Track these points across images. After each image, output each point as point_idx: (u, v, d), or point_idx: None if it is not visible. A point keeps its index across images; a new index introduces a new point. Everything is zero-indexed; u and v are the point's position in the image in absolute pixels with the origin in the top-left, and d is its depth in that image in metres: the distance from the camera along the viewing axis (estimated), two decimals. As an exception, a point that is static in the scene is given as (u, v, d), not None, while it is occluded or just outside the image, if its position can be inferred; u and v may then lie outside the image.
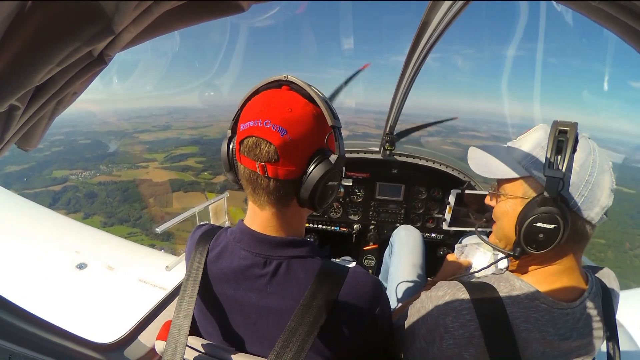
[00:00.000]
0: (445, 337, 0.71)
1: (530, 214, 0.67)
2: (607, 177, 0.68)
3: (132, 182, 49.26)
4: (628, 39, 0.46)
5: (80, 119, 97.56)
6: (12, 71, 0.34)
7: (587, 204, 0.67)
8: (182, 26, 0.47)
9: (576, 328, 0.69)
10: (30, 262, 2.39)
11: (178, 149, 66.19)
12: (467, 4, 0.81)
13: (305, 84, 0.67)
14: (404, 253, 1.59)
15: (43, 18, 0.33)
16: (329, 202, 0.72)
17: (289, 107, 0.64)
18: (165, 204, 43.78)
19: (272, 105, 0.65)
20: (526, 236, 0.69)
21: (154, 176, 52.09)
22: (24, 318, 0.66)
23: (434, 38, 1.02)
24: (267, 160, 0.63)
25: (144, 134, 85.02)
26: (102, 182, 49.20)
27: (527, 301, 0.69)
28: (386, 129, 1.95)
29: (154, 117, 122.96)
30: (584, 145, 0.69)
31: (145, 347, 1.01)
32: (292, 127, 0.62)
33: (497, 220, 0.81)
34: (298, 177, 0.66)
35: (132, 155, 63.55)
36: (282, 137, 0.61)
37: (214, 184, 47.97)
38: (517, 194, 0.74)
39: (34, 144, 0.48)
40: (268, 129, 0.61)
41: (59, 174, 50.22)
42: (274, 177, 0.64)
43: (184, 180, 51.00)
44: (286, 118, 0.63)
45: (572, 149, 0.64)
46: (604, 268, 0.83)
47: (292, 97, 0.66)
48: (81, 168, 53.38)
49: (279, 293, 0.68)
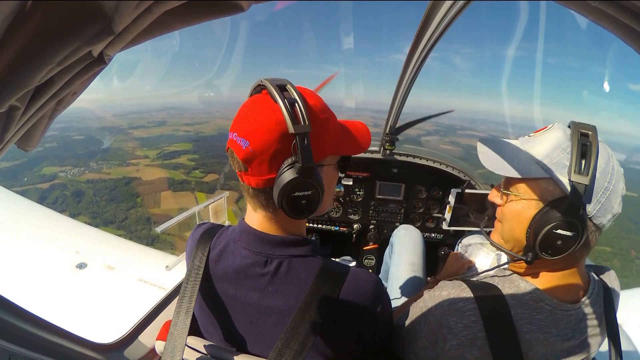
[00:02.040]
0: (448, 337, 0.70)
1: (551, 219, 0.64)
2: (622, 184, 0.66)
3: (120, 180, 48.30)
4: (628, 40, 0.46)
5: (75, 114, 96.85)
6: (12, 71, 0.33)
7: (602, 211, 0.66)
8: (182, 26, 0.47)
9: (578, 328, 0.69)
10: (30, 262, 2.39)
11: (172, 145, 65.11)
12: (467, 4, 0.81)
13: (276, 88, 0.62)
14: (404, 253, 1.59)
15: (43, 18, 0.33)
16: (311, 211, 0.66)
17: (253, 117, 0.63)
18: (153, 204, 42.73)
19: (241, 116, 0.65)
20: (543, 242, 0.66)
21: (143, 174, 50.97)
22: (24, 318, 0.66)
23: (434, 38, 1.02)
24: (239, 170, 0.67)
25: (138, 129, 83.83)
26: (91, 179, 48.10)
27: (532, 302, 0.68)
28: (386, 129, 1.94)
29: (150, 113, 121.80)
30: (603, 150, 0.66)
31: (145, 347, 1.01)
32: (253, 137, 0.62)
33: (505, 221, 0.76)
34: (271, 185, 0.65)
35: (124, 151, 62.49)
36: (244, 149, 0.63)
37: (205, 183, 47.23)
38: (532, 196, 0.69)
39: (34, 143, 0.48)
40: (235, 142, 0.64)
41: (49, 171, 49.25)
42: (249, 185, 0.67)
43: (174, 179, 50.08)
44: (248, 129, 0.63)
45: (596, 154, 0.62)
46: (605, 267, 0.83)
47: (263, 103, 0.64)
48: (71, 165, 52.28)
49: (280, 292, 0.68)
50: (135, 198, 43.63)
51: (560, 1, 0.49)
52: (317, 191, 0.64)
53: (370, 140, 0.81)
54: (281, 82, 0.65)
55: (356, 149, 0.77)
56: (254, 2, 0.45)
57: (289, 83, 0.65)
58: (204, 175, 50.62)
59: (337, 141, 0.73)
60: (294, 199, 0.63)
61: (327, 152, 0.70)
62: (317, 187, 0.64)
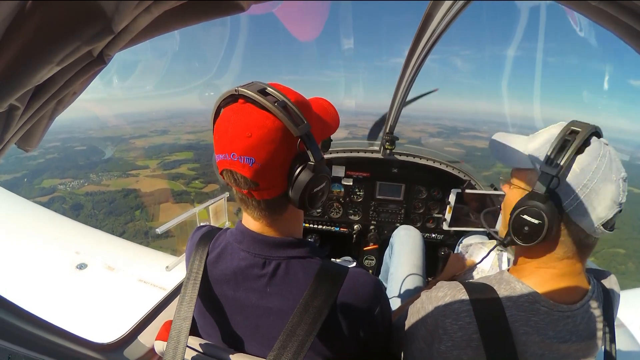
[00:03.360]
0: (444, 338, 0.70)
1: (519, 205, 0.70)
2: (611, 188, 0.64)
3: (120, 192, 47.93)
4: (628, 39, 0.46)
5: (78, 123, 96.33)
6: (12, 71, 0.33)
7: (581, 210, 0.65)
8: (182, 26, 0.47)
9: (576, 331, 0.69)
10: (30, 262, 2.39)
11: (173, 154, 65.17)
12: (467, 4, 0.81)
13: (259, 95, 0.60)
14: (404, 253, 1.59)
15: (43, 18, 0.33)
16: (324, 199, 0.71)
17: (248, 130, 0.60)
18: (152, 218, 42.15)
19: (232, 133, 0.61)
20: (513, 226, 0.71)
21: (143, 185, 50.72)
22: (23, 318, 0.66)
23: (434, 38, 1.02)
24: (247, 188, 0.64)
25: (140, 139, 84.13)
26: (90, 192, 47.77)
27: (527, 304, 0.68)
28: (386, 129, 1.95)
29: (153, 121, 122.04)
30: (594, 149, 0.66)
31: (145, 347, 1.01)
32: (258, 153, 0.60)
33: (503, 208, 0.83)
34: (285, 190, 0.65)
35: (125, 161, 62.37)
36: (251, 167, 0.60)
37: (204, 194, 46.64)
38: (521, 185, 0.75)
39: (34, 144, 0.48)
40: (236, 162, 0.61)
41: (48, 184, 48.82)
42: (261, 199, 0.67)
43: (174, 189, 49.86)
44: (248, 145, 0.60)
45: (575, 149, 0.63)
46: (605, 271, 0.83)
47: (248, 114, 0.61)
48: (71, 177, 51.98)
49: (279, 293, 0.68)
50: (134, 211, 43.26)
51: (561, 1, 0.49)
52: (328, 180, 0.69)
53: (337, 113, 0.83)
54: (259, 87, 0.62)
55: (332, 129, 0.80)
56: (254, 2, 0.45)
57: (265, 85, 0.63)
58: (204, 186, 50.32)
59: (320, 126, 0.74)
60: (314, 195, 0.66)
61: (317, 140, 0.71)
62: (328, 177, 0.68)
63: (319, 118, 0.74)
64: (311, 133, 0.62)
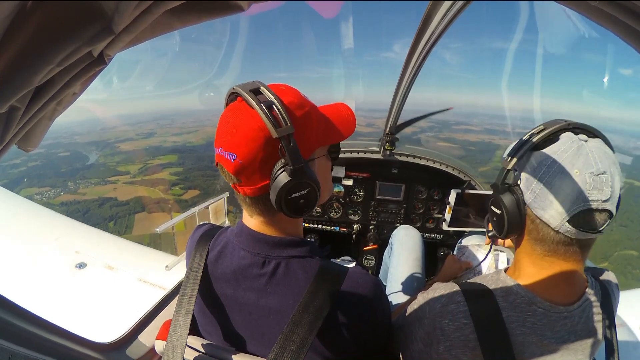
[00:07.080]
0: (441, 339, 0.70)
1: (490, 197, 0.76)
2: (569, 182, 0.62)
3: (95, 201, 45.70)
4: (628, 39, 0.46)
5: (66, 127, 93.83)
6: (12, 72, 0.33)
7: (539, 203, 0.65)
8: (182, 26, 0.47)
9: (575, 331, 0.69)
10: (29, 262, 2.39)
11: (156, 158, 62.76)
12: (467, 4, 0.81)
13: (249, 93, 0.61)
14: (404, 253, 1.59)
15: (43, 18, 0.33)
16: (311, 207, 0.67)
17: (234, 127, 0.62)
18: (125, 229, 39.85)
19: (222, 129, 0.64)
20: (490, 217, 0.77)
21: (120, 193, 48.19)
22: (23, 317, 0.66)
23: (434, 38, 1.02)
24: (233, 182, 0.67)
25: (125, 142, 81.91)
26: (65, 202, 44.58)
27: (524, 305, 0.68)
28: (386, 129, 1.94)
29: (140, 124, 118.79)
30: (558, 144, 0.65)
31: (145, 347, 1.01)
32: (239, 149, 0.61)
33: None
34: (267, 191, 0.65)
35: (107, 167, 59.87)
36: (232, 162, 0.62)
37: (183, 202, 44.20)
38: None
39: (34, 144, 0.48)
40: (222, 156, 0.64)
41: (25, 194, 45.29)
42: (245, 195, 0.68)
43: (151, 197, 47.40)
44: (232, 142, 0.62)
45: (533, 144, 0.67)
46: (604, 270, 0.83)
47: (239, 112, 0.63)
48: (49, 185, 49.67)
49: (278, 293, 0.68)
50: (107, 222, 41.06)
51: (561, 1, 0.49)
52: (313, 188, 0.64)
53: (355, 121, 0.79)
54: (254, 86, 0.63)
55: (343, 135, 0.77)
56: (254, 2, 0.45)
57: (262, 85, 0.63)
58: (183, 192, 48.50)
59: (323, 132, 0.72)
60: (292, 201, 0.63)
61: (314, 145, 0.70)
62: (312, 184, 0.63)
63: (325, 122, 0.73)
64: (293, 137, 0.60)
